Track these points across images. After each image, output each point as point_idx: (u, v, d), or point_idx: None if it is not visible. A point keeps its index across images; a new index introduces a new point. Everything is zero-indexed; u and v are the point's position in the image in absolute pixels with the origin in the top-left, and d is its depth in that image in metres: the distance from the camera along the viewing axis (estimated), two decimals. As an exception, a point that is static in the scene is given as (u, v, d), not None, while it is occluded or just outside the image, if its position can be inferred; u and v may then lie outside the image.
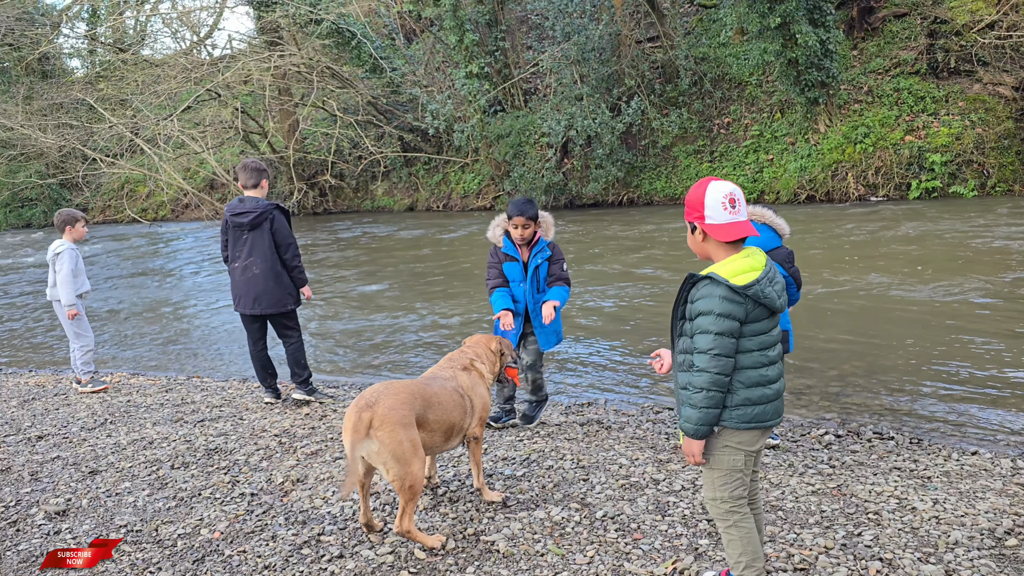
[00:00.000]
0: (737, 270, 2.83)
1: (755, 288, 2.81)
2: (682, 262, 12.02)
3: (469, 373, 4.40)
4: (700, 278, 2.90)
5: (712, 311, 2.81)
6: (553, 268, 5.37)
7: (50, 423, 6.37)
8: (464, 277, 12.64)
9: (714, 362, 2.81)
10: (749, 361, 2.88)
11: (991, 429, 5.35)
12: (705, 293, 2.85)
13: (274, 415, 6.27)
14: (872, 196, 16.13)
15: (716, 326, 2.81)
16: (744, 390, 2.89)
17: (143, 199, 29.71)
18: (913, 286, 9.23)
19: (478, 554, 3.72)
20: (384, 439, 3.58)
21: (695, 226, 2.93)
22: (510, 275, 5.37)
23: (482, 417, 4.32)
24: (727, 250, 2.91)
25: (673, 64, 20.12)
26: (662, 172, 19.40)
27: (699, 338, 2.85)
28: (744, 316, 2.83)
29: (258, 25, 24.76)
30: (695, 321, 2.88)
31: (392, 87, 23.18)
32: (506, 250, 5.36)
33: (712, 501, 3.02)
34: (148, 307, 12.37)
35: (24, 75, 29.74)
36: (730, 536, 3.00)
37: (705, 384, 2.84)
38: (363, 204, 25.05)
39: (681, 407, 2.99)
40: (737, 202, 2.87)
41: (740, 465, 2.96)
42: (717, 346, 2.81)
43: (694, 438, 2.92)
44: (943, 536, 3.65)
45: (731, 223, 2.86)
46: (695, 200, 2.91)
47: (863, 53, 18.24)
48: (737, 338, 2.84)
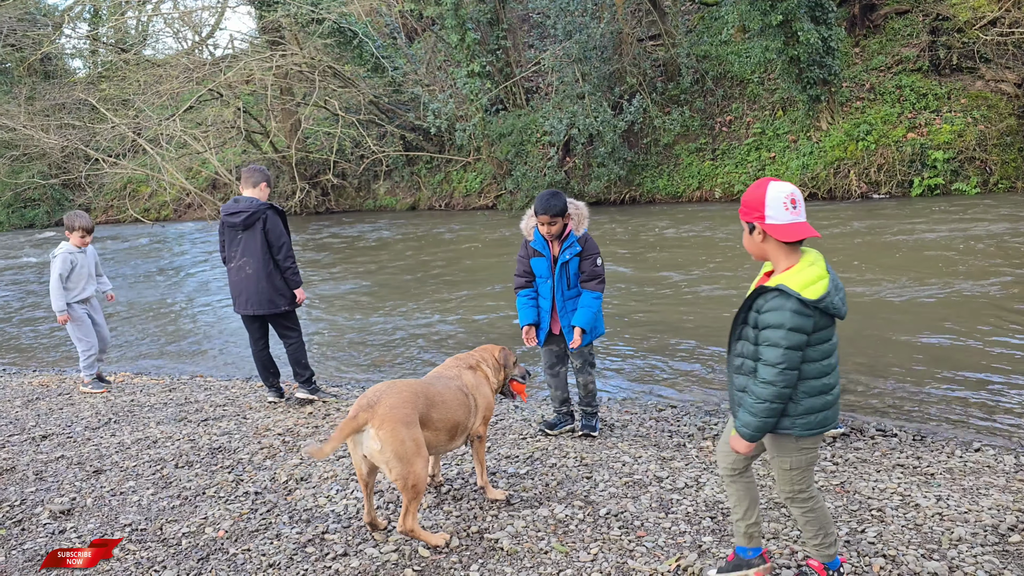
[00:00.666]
0: (807, 281, 2.81)
1: (826, 301, 2.81)
2: (685, 261, 12.02)
3: (474, 373, 4.38)
4: (769, 289, 2.88)
5: (783, 325, 2.81)
6: (584, 264, 5.04)
7: (54, 423, 6.39)
8: (466, 277, 12.65)
9: (781, 376, 2.84)
10: (812, 371, 2.90)
11: (994, 426, 5.35)
12: (775, 306, 2.84)
13: (277, 414, 6.28)
14: (874, 193, 16.11)
15: (786, 340, 2.81)
16: (807, 399, 2.93)
17: (145, 199, 29.75)
18: (916, 283, 9.22)
19: (482, 552, 3.72)
20: (386, 438, 3.58)
21: (754, 226, 2.92)
22: (537, 271, 5.14)
23: (486, 417, 4.31)
24: (787, 252, 2.89)
25: (675, 62, 20.11)
26: (664, 170, 19.39)
27: (767, 350, 2.86)
28: (812, 329, 2.84)
29: (260, 25, 24.77)
30: (763, 332, 2.88)
31: (394, 86, 23.19)
32: (534, 244, 5.11)
33: (792, 495, 3.10)
34: (151, 307, 12.38)
35: (26, 76, 29.81)
36: (812, 516, 3.11)
37: (769, 397, 2.87)
38: (365, 204, 25.06)
39: (737, 408, 3.05)
40: (798, 202, 2.86)
41: (811, 461, 3.08)
42: (786, 360, 2.83)
43: (751, 442, 3.00)
44: (946, 533, 3.66)
45: (793, 223, 2.84)
46: (755, 200, 2.89)
47: (865, 50, 18.22)
48: (804, 350, 2.85)
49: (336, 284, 12.98)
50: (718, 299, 9.53)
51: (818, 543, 3.17)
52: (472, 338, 8.83)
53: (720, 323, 8.52)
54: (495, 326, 9.25)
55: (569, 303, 5.09)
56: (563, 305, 5.09)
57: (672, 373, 7.10)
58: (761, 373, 2.88)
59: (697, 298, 9.70)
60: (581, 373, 5.27)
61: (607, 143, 18.73)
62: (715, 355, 7.45)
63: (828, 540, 3.17)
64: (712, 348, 7.65)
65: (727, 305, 9.18)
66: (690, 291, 10.10)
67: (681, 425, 5.61)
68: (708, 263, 11.65)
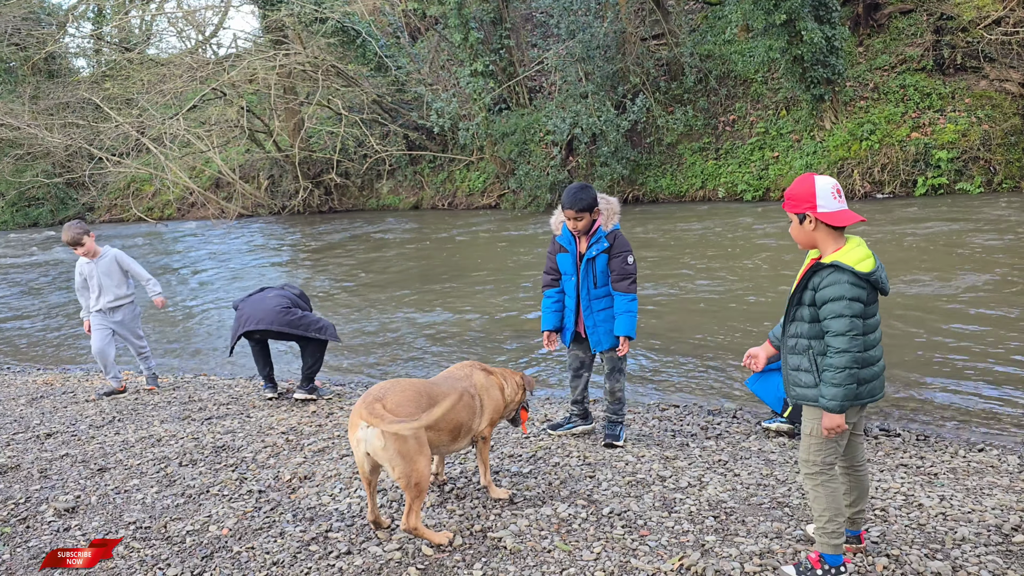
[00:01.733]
0: (858, 258, 3.08)
1: (876, 274, 3.08)
2: (687, 259, 12.02)
3: (487, 375, 4.33)
4: (824, 266, 3.11)
5: (844, 296, 3.05)
6: (614, 263, 4.80)
7: (59, 421, 6.40)
8: (471, 276, 12.65)
9: (853, 343, 3.05)
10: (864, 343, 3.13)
11: (998, 426, 5.34)
12: (833, 280, 3.08)
13: (281, 412, 6.29)
14: (878, 193, 16.09)
15: (850, 309, 3.05)
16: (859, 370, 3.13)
17: (149, 198, 29.80)
18: (919, 281, 9.21)
19: (485, 550, 3.73)
20: (389, 436, 3.60)
21: (804, 216, 3.16)
22: (562, 267, 4.97)
23: (493, 420, 4.27)
24: (835, 237, 3.14)
25: (678, 61, 20.10)
26: (667, 169, 19.38)
27: (834, 322, 3.08)
28: (867, 300, 3.09)
29: (263, 24, 24.79)
30: (826, 307, 3.10)
31: (397, 85, 23.20)
32: (560, 239, 4.93)
33: (805, 463, 3.28)
34: (155, 305, 12.39)
35: (30, 75, 29.85)
36: (817, 494, 3.25)
37: (847, 363, 3.07)
38: (368, 203, 25.08)
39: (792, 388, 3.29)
40: (841, 192, 3.15)
41: (836, 435, 3.20)
42: (853, 327, 3.05)
43: (838, 412, 3.12)
44: (950, 533, 3.65)
45: (842, 210, 3.11)
46: (805, 192, 3.15)
47: (869, 50, 18.19)
48: (863, 320, 3.09)
49: (338, 283, 12.99)
50: (721, 298, 9.52)
51: (818, 527, 3.26)
52: (477, 337, 8.84)
53: (723, 322, 8.52)
54: (501, 324, 9.26)
55: (596, 303, 4.88)
56: (588, 305, 4.89)
57: (675, 373, 7.10)
58: (833, 344, 3.08)
59: (700, 297, 9.70)
60: (610, 378, 5.07)
61: (610, 142, 18.73)
62: (718, 354, 7.45)
63: (830, 528, 3.23)
64: (715, 347, 7.65)
65: (730, 304, 9.18)
66: (693, 290, 10.09)
67: (684, 425, 5.61)
68: (710, 262, 11.64)
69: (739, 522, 3.86)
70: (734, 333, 8.07)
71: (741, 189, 17.69)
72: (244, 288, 13.28)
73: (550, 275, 5.08)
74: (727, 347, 7.53)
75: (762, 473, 4.48)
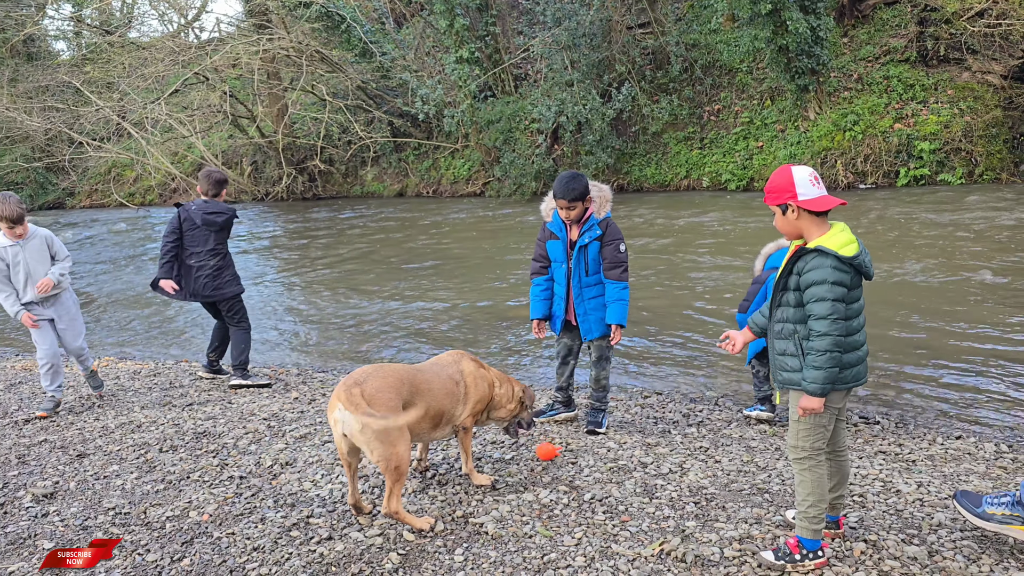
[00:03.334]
0: (842, 243, 3.12)
1: (859, 258, 3.13)
2: (671, 248, 12.05)
3: (478, 366, 4.29)
4: (808, 251, 3.16)
5: (826, 280, 3.09)
6: (606, 251, 4.77)
7: (37, 407, 6.34)
8: (455, 263, 12.63)
9: (834, 326, 3.09)
10: (848, 328, 3.17)
11: (975, 414, 5.40)
12: (816, 264, 3.12)
13: (263, 399, 6.26)
14: (861, 183, 16.18)
15: (832, 293, 3.09)
16: (843, 355, 3.17)
17: (130, 183, 29.46)
18: (898, 271, 9.28)
19: (467, 536, 3.73)
20: (367, 420, 3.58)
21: (787, 207, 3.20)
22: (552, 255, 4.93)
23: (475, 410, 4.23)
24: (818, 223, 3.19)
25: (664, 50, 20.08)
26: (652, 159, 19.39)
27: (816, 306, 3.12)
28: (850, 284, 3.12)
29: (247, 8, 24.53)
30: (809, 290, 3.14)
31: (382, 72, 23.03)
32: (551, 226, 4.89)
33: (793, 448, 3.32)
34: (136, 291, 12.29)
35: (9, 57, 29.40)
36: (803, 478, 3.29)
37: (828, 346, 3.10)
38: (352, 189, 24.94)
39: (779, 373, 3.31)
40: (818, 179, 3.21)
41: (824, 421, 3.26)
42: (835, 311, 3.09)
43: (820, 396, 3.16)
44: (927, 518, 3.70)
45: (822, 196, 3.17)
46: (784, 183, 3.20)
47: (853, 40, 18.24)
48: (846, 304, 3.12)
49: (323, 270, 12.93)
50: (704, 286, 9.56)
51: (800, 512, 3.30)
52: (461, 325, 8.83)
53: (707, 310, 8.56)
54: (485, 312, 9.25)
55: (587, 291, 4.85)
56: (580, 293, 4.85)
57: (657, 360, 7.12)
58: (815, 327, 3.12)
59: (683, 285, 9.73)
60: (596, 366, 5.05)
61: (596, 131, 18.70)
62: (701, 341, 7.48)
63: (812, 513, 3.27)
64: (698, 335, 7.68)
65: (713, 291, 9.22)
66: (676, 278, 10.12)
67: (666, 412, 5.64)
68: (694, 251, 11.67)
69: (719, 508, 3.89)
70: (718, 321, 8.11)
71: (725, 179, 17.74)
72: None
73: (539, 262, 5.03)
74: (710, 335, 7.56)
75: (743, 460, 4.52)
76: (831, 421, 3.28)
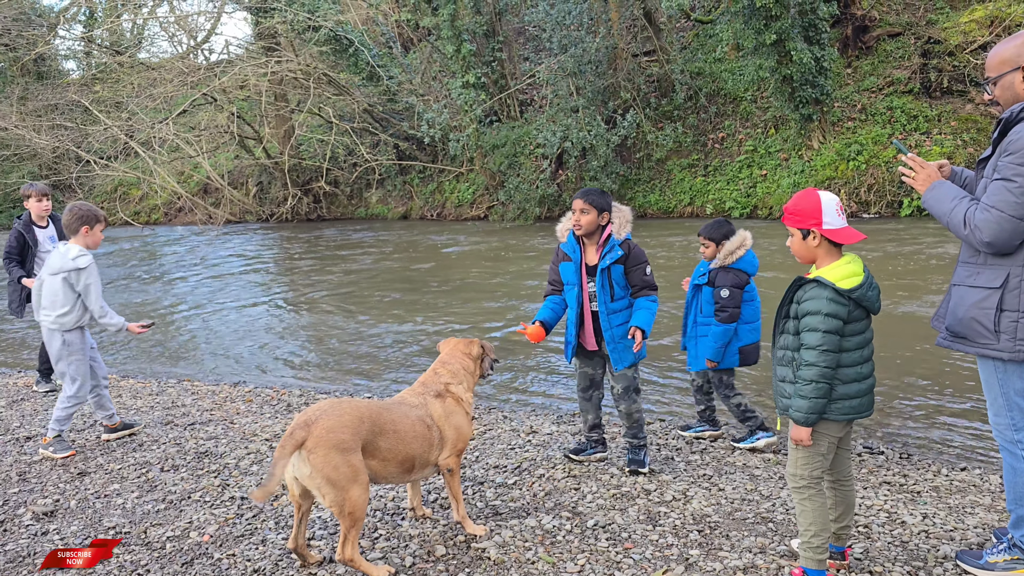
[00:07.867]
0: (843, 275, 3.13)
1: (859, 292, 3.13)
2: (673, 275, 12.05)
3: (443, 401, 3.94)
4: (807, 281, 3.19)
5: (820, 311, 3.10)
6: (634, 276, 4.56)
7: (39, 424, 6.33)
8: (457, 286, 12.64)
9: (822, 357, 3.10)
10: (848, 360, 3.18)
11: (981, 445, 5.38)
12: (813, 295, 3.14)
13: (265, 419, 6.25)
14: (864, 213, 16.23)
15: (824, 324, 3.10)
16: (842, 386, 3.19)
17: (136, 202, 29.63)
18: (902, 301, 9.28)
19: (469, 561, 3.71)
20: (317, 463, 3.33)
21: (808, 232, 3.18)
22: (565, 277, 4.68)
23: (458, 449, 3.93)
24: (832, 255, 3.20)
25: (668, 78, 20.25)
26: (656, 185, 19.48)
27: (807, 335, 3.14)
28: (847, 317, 3.12)
29: (255, 31, 24.84)
30: (803, 320, 3.17)
31: (388, 95, 23.25)
32: (564, 247, 4.66)
33: (792, 476, 3.33)
34: (140, 310, 12.31)
35: (19, 76, 29.71)
36: (803, 508, 3.29)
37: (815, 377, 3.12)
38: (357, 212, 25.05)
39: (780, 399, 3.32)
40: (843, 209, 3.20)
41: (823, 450, 3.27)
42: (825, 343, 3.10)
43: (804, 425, 3.19)
44: (932, 550, 3.67)
45: (846, 228, 3.17)
46: (810, 208, 3.17)
47: (857, 71, 18.39)
48: (841, 336, 3.13)
49: (326, 290, 12.95)
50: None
51: (803, 542, 3.30)
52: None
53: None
54: (488, 333, 9.25)
55: (614, 317, 4.56)
56: (607, 318, 4.56)
57: (659, 387, 7.11)
58: (804, 357, 3.14)
59: (687, 313, 9.71)
60: (623, 400, 4.72)
61: (600, 157, 18.81)
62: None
63: (815, 543, 3.27)
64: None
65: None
66: (679, 304, 10.11)
67: (669, 438, 5.62)
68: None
69: (723, 536, 3.86)
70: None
71: (729, 206, 17.80)
72: (228, 294, 13.22)
73: (552, 285, 4.82)
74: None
75: (747, 488, 4.49)
76: (829, 450, 3.28)
